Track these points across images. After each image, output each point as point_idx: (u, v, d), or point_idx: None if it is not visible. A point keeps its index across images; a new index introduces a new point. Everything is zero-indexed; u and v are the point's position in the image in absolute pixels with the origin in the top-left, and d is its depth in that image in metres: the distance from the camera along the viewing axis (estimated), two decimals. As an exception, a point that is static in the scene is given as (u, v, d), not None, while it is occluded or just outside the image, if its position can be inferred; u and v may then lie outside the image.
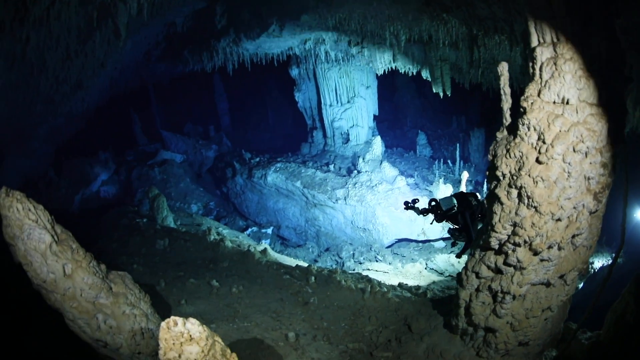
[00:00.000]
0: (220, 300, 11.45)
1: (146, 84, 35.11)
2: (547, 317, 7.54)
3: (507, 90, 6.83)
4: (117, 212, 22.95)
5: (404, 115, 37.88)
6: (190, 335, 5.42)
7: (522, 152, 6.37)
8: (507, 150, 6.54)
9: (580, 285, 15.31)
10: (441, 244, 21.46)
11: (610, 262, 17.24)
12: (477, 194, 9.22)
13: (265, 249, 15.80)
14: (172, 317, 5.36)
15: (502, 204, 6.79)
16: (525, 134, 6.33)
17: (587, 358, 7.41)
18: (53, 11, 13.08)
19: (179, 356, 5.35)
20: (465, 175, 20.57)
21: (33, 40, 14.37)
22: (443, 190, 21.39)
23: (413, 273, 17.90)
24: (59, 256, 7.06)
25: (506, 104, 6.83)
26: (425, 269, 18.98)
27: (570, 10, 5.84)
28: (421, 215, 9.22)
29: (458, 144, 27.94)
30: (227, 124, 43.30)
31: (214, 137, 38.20)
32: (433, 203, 8.91)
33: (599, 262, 18.08)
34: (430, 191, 22.58)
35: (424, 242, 21.81)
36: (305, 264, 15.56)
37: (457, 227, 8.92)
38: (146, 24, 18.50)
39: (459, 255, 9.37)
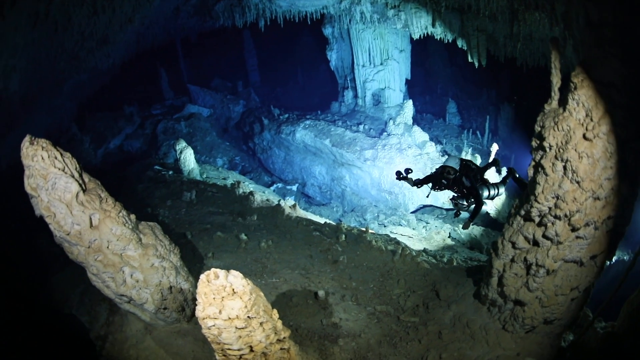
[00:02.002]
0: (249, 255, 11.47)
1: (174, 39, 34.77)
2: (574, 297, 7.52)
3: (558, 64, 6.72)
4: (142, 165, 22.99)
5: (434, 82, 37.45)
6: (233, 289, 5.14)
7: (569, 126, 6.33)
8: (555, 123, 6.48)
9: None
10: (466, 214, 21.39)
11: (625, 257, 17.11)
12: (473, 160, 9.28)
13: (294, 204, 15.71)
14: (213, 269, 5.10)
15: (546, 175, 6.74)
16: (574, 109, 6.27)
17: (601, 346, 7.37)
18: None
19: (220, 312, 5.08)
20: (495, 147, 20.35)
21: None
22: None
23: (437, 240, 17.82)
24: (86, 206, 6.88)
25: (556, 77, 6.72)
26: (449, 237, 18.91)
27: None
28: (415, 187, 9.20)
29: (488, 116, 27.71)
30: (256, 80, 42.85)
31: (242, 93, 37.97)
32: (434, 171, 8.98)
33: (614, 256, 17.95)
34: (458, 159, 22.44)
35: (448, 210, 21.73)
36: (334, 222, 15.56)
37: (459, 194, 8.94)
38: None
39: (466, 226, 8.89)
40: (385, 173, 22.41)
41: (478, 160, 21.34)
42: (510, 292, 7.91)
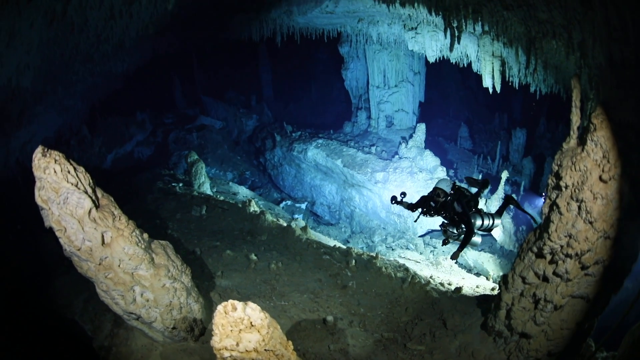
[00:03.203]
0: (258, 275, 11.47)
1: (189, 49, 34.89)
2: (579, 330, 7.59)
3: (579, 103, 6.79)
4: (152, 174, 23.04)
5: (447, 105, 37.52)
6: (251, 322, 5.05)
7: (586, 167, 6.41)
8: (573, 163, 6.54)
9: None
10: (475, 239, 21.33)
11: (629, 285, 17.05)
12: (468, 188, 9.01)
13: (305, 226, 15.73)
14: (231, 301, 5.01)
15: (561, 214, 6.82)
16: (592, 150, 6.36)
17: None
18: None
19: (237, 344, 5.01)
20: (505, 174, 20.35)
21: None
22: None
23: (445, 266, 17.83)
24: (98, 223, 6.77)
25: (575, 116, 6.79)
26: (456, 263, 18.92)
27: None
28: (409, 211, 8.90)
29: (499, 142, 27.69)
30: (269, 95, 42.78)
31: (256, 107, 38.02)
32: (424, 197, 8.61)
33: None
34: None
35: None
36: (345, 246, 15.54)
37: (449, 220, 8.45)
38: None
39: (454, 256, 8.38)
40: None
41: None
42: (517, 325, 7.98)
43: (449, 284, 13.41)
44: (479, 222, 8.30)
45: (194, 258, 12.06)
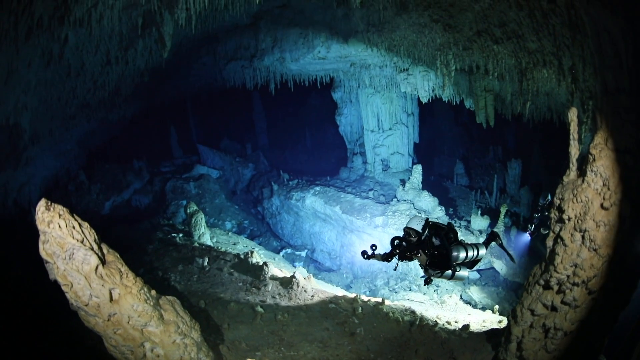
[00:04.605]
0: (265, 327, 11.39)
1: (184, 97, 35.08)
2: (588, 350, 7.63)
3: (577, 136, 6.87)
4: (151, 224, 23.09)
5: (441, 143, 37.69)
6: None
7: (587, 197, 6.50)
8: (574, 195, 6.62)
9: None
10: (475, 275, 21.30)
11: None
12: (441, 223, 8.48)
13: (310, 276, 15.64)
14: None
15: (565, 245, 6.88)
16: (592, 180, 6.47)
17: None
18: (95, 13, 12.59)
19: None
20: (504, 208, 20.37)
21: (72, 41, 14.13)
22: (479, 222, 21.31)
23: (449, 304, 17.79)
24: (106, 280, 6.72)
25: (574, 148, 6.87)
26: (460, 299, 18.89)
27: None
28: (386, 262, 8.08)
29: (495, 175, 27.73)
30: (265, 143, 43.12)
31: (251, 156, 38.26)
32: (398, 241, 8.00)
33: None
34: (468, 221, 22.44)
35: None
36: (349, 293, 15.51)
37: (429, 258, 7.90)
38: (191, 38, 18.53)
39: (426, 282, 8.39)
40: (396, 239, 22.30)
41: (485, 222, 21.40)
42: (529, 356, 8.06)
43: (456, 322, 13.36)
44: (462, 254, 7.73)
45: (198, 310, 11.98)
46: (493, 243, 8.42)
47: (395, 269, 8.60)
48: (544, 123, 17.72)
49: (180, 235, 20.73)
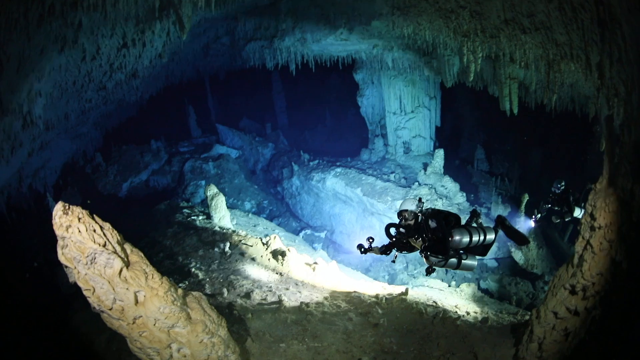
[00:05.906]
0: (289, 316, 11.40)
1: (202, 77, 35.01)
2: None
3: (610, 148, 6.86)
4: (170, 205, 23.05)
5: (462, 127, 37.48)
6: None
7: (617, 208, 6.46)
8: (607, 204, 6.61)
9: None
10: (494, 263, 21.30)
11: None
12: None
13: (333, 263, 15.67)
14: None
15: (594, 254, 6.91)
16: (622, 192, 6.41)
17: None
18: (110, -3, 12.61)
19: None
20: (525, 197, 20.32)
21: (86, 26, 13.98)
22: (500, 209, 21.31)
23: (468, 293, 17.76)
24: (130, 283, 6.52)
25: (607, 159, 6.87)
26: (478, 289, 18.89)
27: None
28: (384, 255, 8.01)
29: (516, 163, 27.61)
30: (284, 122, 43.14)
31: (271, 135, 38.29)
32: (393, 228, 7.73)
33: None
34: (488, 208, 22.42)
35: (479, 259, 21.60)
36: (375, 283, 15.52)
37: (429, 243, 7.40)
38: (209, 18, 18.41)
39: (428, 271, 7.81)
40: (416, 223, 22.25)
41: (506, 211, 21.41)
42: (548, 356, 8.03)
43: (475, 312, 13.45)
44: (465, 239, 7.32)
45: (221, 299, 12.07)
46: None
47: (393, 262, 8.45)
48: (565, 113, 17.60)
49: (200, 217, 20.74)
